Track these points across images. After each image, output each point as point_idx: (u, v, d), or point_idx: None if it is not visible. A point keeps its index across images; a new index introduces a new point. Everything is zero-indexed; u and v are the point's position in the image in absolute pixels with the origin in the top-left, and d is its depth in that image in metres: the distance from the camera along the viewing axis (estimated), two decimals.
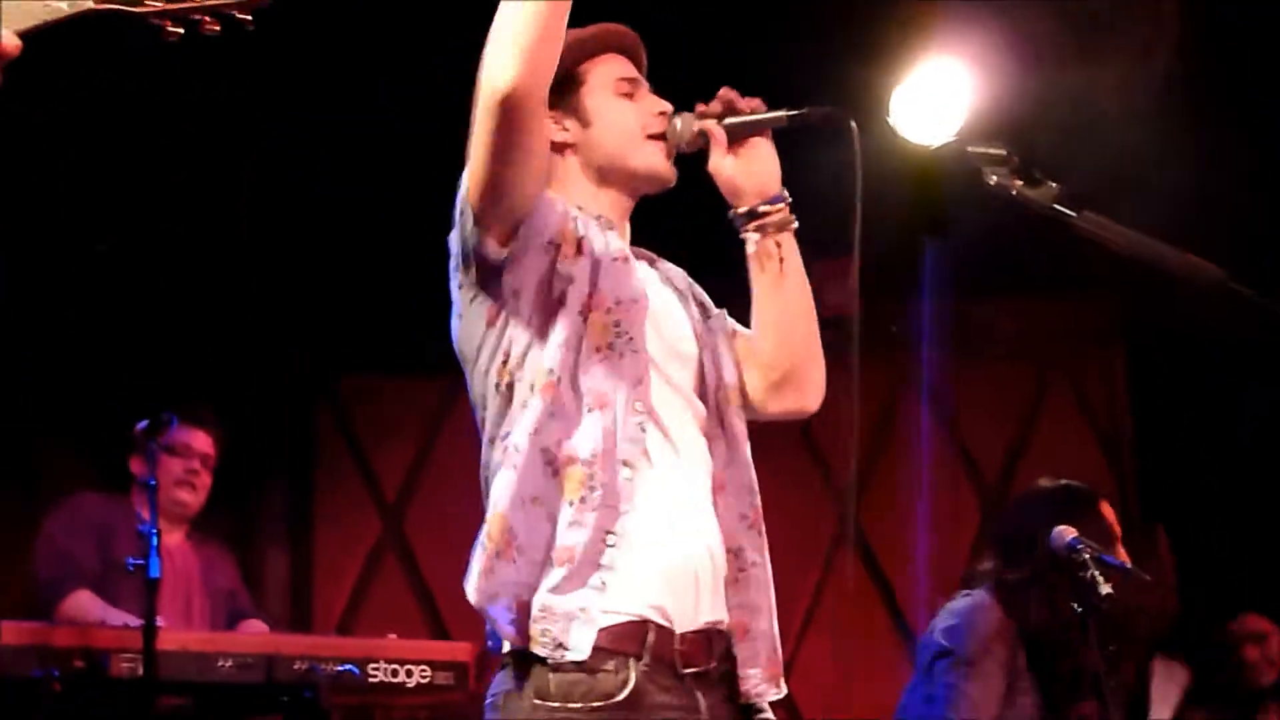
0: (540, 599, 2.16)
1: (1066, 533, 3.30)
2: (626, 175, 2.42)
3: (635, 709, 2.13)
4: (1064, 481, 3.73)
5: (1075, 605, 3.06)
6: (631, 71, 2.45)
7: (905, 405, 6.04)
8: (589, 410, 2.20)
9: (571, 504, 2.18)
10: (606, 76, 2.42)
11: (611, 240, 2.32)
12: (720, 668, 2.26)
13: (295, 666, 4.11)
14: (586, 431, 2.19)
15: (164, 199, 5.27)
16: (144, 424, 4.34)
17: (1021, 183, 2.20)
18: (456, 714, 5.46)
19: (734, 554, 2.29)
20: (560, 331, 2.22)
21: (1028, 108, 2.16)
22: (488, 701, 2.27)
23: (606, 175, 2.41)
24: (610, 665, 2.14)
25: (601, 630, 2.14)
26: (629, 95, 2.42)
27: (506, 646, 2.22)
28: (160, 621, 3.88)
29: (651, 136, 2.40)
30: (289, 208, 5.56)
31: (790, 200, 2.44)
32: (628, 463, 2.20)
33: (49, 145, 4.77)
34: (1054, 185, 2.18)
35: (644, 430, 2.22)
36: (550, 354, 2.21)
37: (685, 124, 2.41)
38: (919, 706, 3.64)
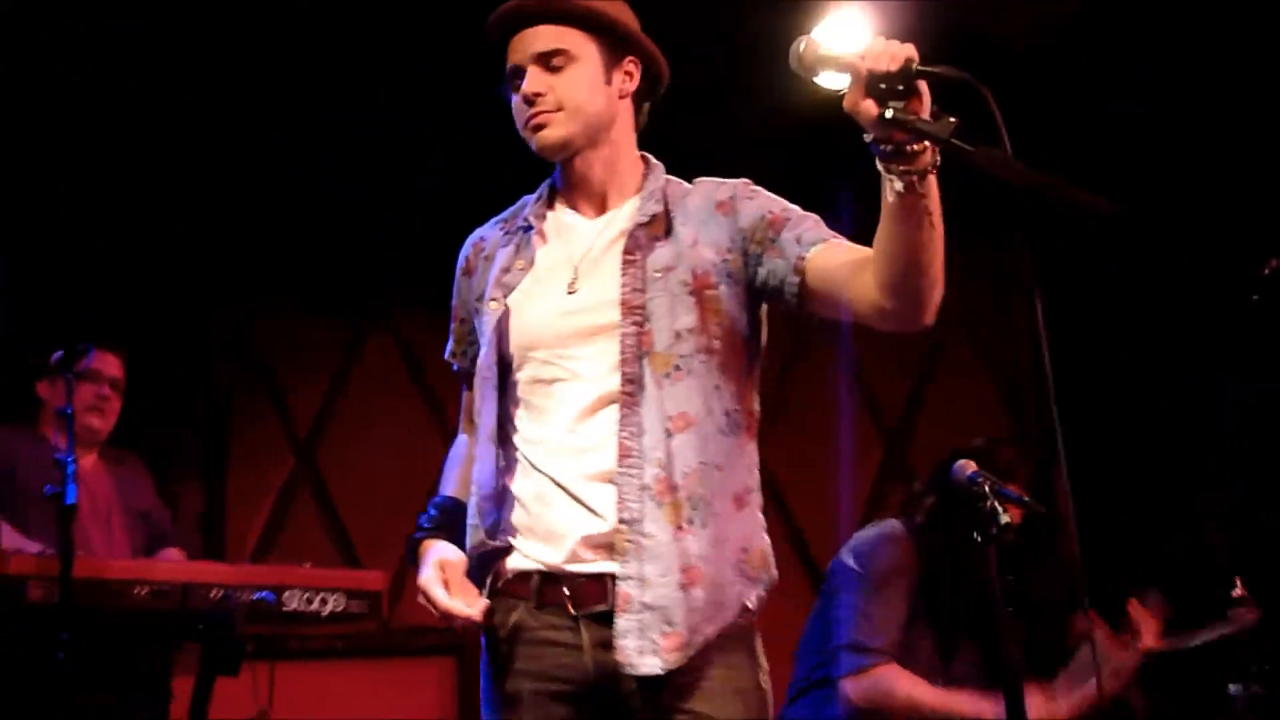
0: None
1: (967, 466, 3.33)
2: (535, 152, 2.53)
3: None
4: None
5: (976, 535, 3.11)
6: (511, 61, 2.51)
7: (816, 353, 6.11)
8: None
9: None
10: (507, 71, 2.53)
11: (503, 253, 2.54)
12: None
13: (211, 594, 4.09)
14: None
15: (95, 136, 5.21)
16: (59, 353, 4.30)
17: (915, 117, 2.14)
18: (371, 643, 5.51)
19: (627, 524, 2.32)
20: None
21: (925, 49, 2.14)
22: None
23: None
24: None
25: None
26: (517, 84, 2.50)
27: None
28: (78, 549, 3.85)
29: (523, 127, 2.49)
30: (220, 157, 5.49)
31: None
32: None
33: None
34: (952, 120, 2.10)
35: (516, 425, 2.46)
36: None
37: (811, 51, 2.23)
38: (823, 627, 3.71)
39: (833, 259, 2.39)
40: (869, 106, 2.11)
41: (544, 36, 2.48)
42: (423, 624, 5.86)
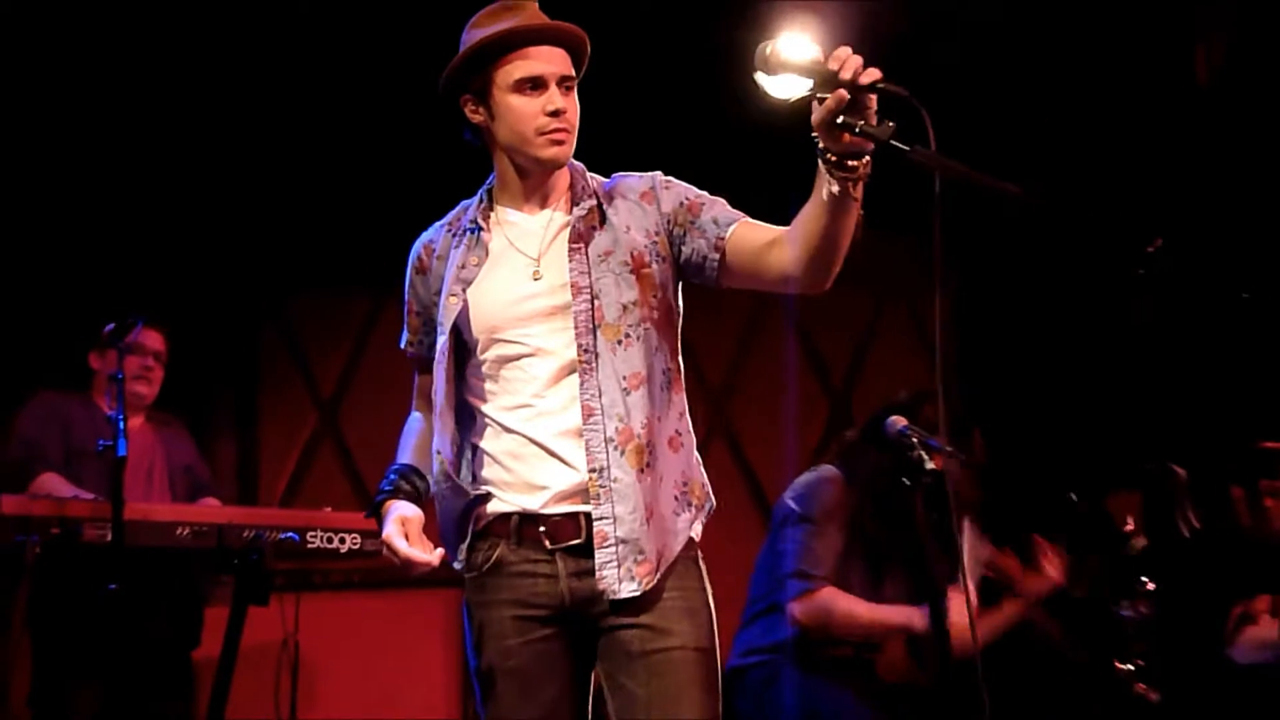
0: None
1: (898, 421, 3.37)
2: (526, 159, 2.50)
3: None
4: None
5: (905, 480, 3.15)
6: (538, 69, 2.44)
7: (770, 321, 6.13)
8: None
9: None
10: (510, 75, 2.44)
11: (455, 253, 2.54)
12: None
13: (244, 534, 4.12)
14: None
15: (133, 127, 5.19)
16: (111, 326, 4.31)
17: (863, 122, 2.22)
18: (385, 577, 5.53)
19: (597, 472, 2.38)
20: None
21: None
22: None
23: (513, 157, 2.51)
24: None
25: None
26: (529, 92, 2.44)
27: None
28: (126, 495, 3.87)
29: (540, 131, 2.44)
30: (251, 144, 5.48)
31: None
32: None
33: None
34: (891, 124, 2.19)
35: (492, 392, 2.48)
36: None
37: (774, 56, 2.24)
38: (770, 560, 3.75)
39: (747, 237, 2.46)
40: (828, 107, 2.15)
41: (563, 61, 2.48)
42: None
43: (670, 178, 2.57)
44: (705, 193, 2.54)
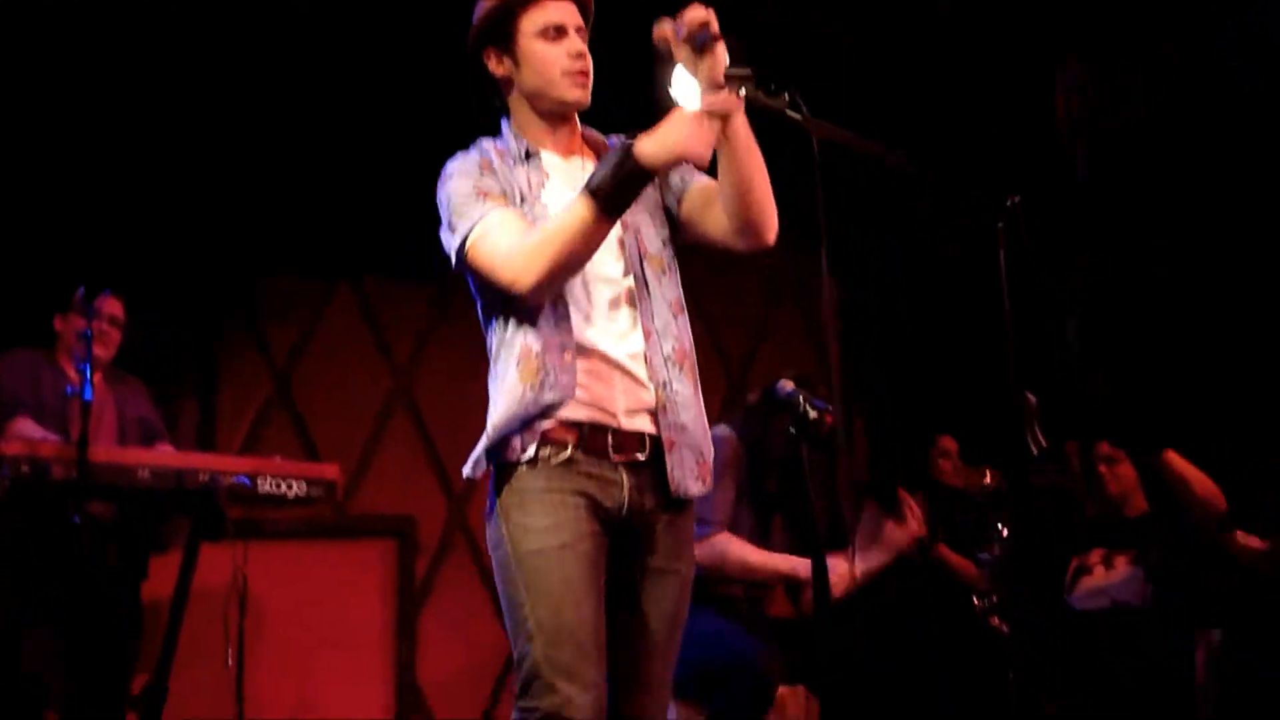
0: None
1: (787, 384, 3.38)
2: (550, 103, 2.40)
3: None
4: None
5: (792, 429, 3.13)
6: (560, 17, 2.38)
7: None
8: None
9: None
10: (536, 22, 2.38)
11: (517, 172, 2.36)
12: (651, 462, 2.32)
13: (200, 478, 4.03)
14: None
15: (111, 114, 5.04)
16: (82, 290, 4.22)
17: (762, 93, 2.21)
18: (327, 525, 5.43)
19: (661, 386, 2.32)
20: None
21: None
22: None
23: (536, 102, 2.41)
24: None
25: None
26: (554, 39, 2.37)
27: None
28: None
29: (566, 73, 2.37)
30: (224, 136, 5.35)
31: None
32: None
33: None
34: (787, 95, 2.21)
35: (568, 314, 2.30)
36: None
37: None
38: None
39: (700, 195, 2.43)
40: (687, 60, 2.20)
41: (578, 13, 2.42)
42: (370, 512, 5.82)
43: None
44: None
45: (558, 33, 2.37)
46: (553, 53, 2.37)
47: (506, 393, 2.30)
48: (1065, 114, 4.68)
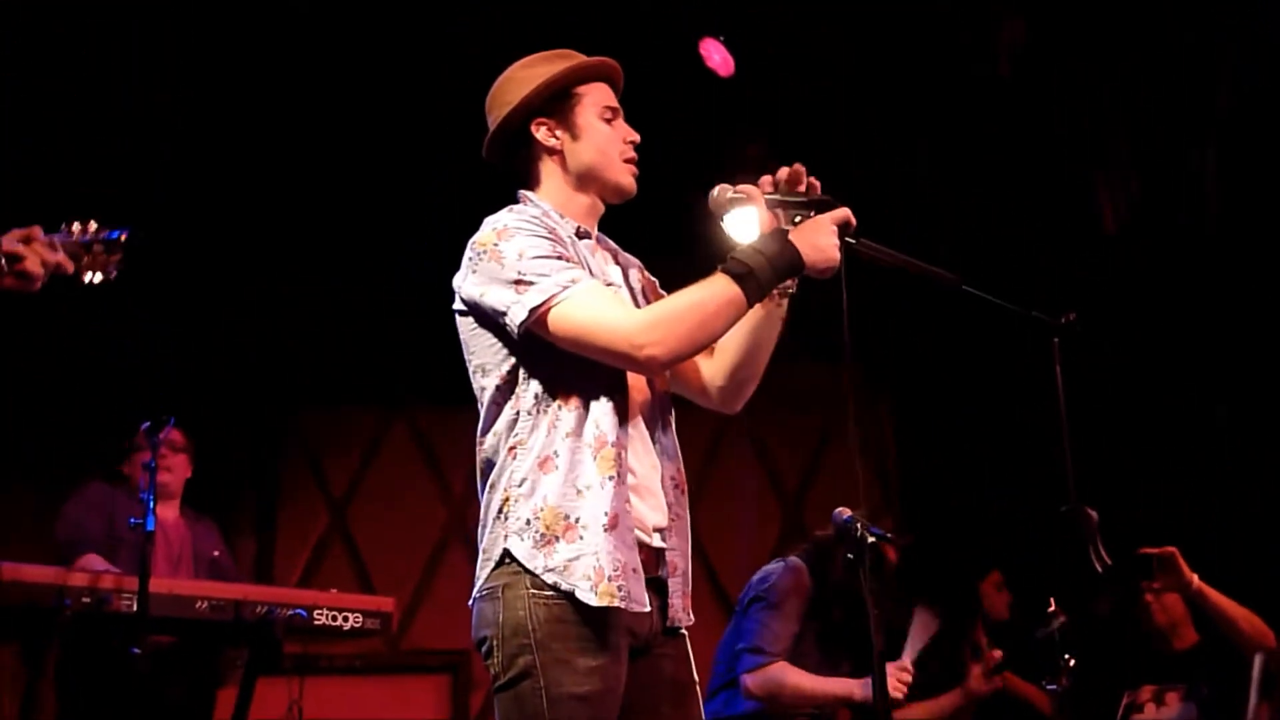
0: None
1: (845, 511, 3.33)
2: (600, 184, 2.28)
3: None
4: None
5: (849, 554, 3.09)
6: (614, 100, 2.32)
7: (728, 443, 6.04)
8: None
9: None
10: (596, 101, 2.29)
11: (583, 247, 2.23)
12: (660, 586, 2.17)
13: (257, 610, 4.01)
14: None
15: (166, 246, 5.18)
16: (147, 424, 4.27)
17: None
18: (383, 662, 5.39)
19: (669, 507, 2.19)
20: None
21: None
22: None
23: (584, 181, 2.28)
24: None
25: None
26: (610, 120, 2.29)
27: None
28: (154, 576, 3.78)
29: (624, 157, 2.28)
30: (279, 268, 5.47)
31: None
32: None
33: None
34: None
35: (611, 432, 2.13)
36: None
37: (721, 194, 2.22)
38: (733, 638, 3.67)
39: None
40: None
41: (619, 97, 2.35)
42: (424, 647, 5.76)
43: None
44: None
45: (614, 114, 2.29)
46: (613, 134, 2.28)
47: (578, 480, 2.06)
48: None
